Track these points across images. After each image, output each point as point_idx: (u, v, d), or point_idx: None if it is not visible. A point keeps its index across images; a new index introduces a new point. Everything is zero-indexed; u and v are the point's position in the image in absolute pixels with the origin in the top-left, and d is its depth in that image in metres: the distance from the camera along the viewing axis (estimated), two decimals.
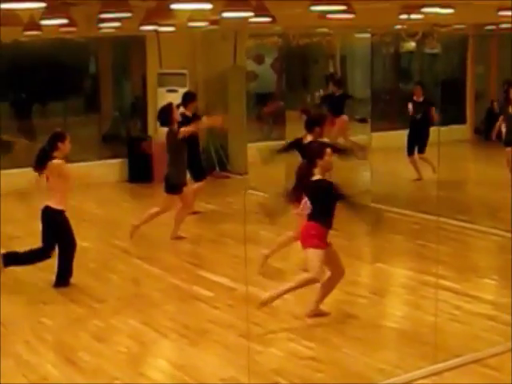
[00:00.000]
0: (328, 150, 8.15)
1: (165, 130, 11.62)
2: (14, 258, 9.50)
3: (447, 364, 7.03)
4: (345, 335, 7.91)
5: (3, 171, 14.29)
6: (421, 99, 15.94)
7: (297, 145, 9.91)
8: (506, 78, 16.91)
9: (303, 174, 8.22)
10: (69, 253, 9.53)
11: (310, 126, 9.88)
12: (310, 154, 8.27)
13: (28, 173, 9.53)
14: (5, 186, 13.42)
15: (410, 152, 15.63)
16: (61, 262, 9.54)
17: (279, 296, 8.02)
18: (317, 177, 8.03)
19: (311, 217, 8.08)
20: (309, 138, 9.69)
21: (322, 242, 7.97)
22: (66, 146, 9.37)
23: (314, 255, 8.00)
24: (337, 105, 16.97)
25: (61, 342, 8.04)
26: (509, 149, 14.67)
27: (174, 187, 11.40)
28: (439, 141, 11.75)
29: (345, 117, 17.01)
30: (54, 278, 9.52)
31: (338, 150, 9.49)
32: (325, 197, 8.05)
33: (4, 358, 7.46)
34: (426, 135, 15.40)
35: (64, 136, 9.43)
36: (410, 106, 15.95)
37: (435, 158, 12.95)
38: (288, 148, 10.07)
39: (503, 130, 14.88)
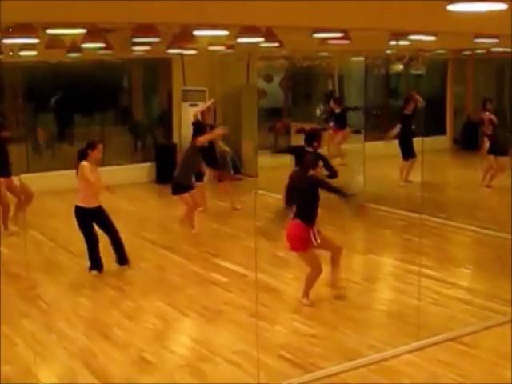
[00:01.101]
0: (320, 163, 8.13)
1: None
2: (95, 263, 9.51)
3: (429, 341, 7.03)
4: (340, 316, 7.90)
5: (44, 173, 14.44)
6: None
7: (296, 150, 9.92)
8: (484, 97, 16.91)
9: (295, 179, 8.25)
10: (113, 239, 9.53)
11: (309, 141, 9.80)
12: (306, 163, 8.23)
13: (65, 175, 9.53)
14: (45, 186, 13.46)
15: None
16: (113, 246, 9.59)
17: (307, 291, 8.15)
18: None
19: (295, 215, 8.03)
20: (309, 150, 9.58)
21: (306, 244, 7.93)
22: (95, 154, 9.18)
23: (306, 257, 8.02)
24: (340, 119, 17.04)
25: (96, 319, 8.05)
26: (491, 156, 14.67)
27: (179, 189, 11.38)
28: (423, 149, 11.72)
29: (348, 129, 17.08)
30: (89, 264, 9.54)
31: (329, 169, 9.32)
32: (310, 192, 7.99)
33: (48, 333, 7.49)
34: None
35: (94, 144, 9.23)
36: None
37: (420, 165, 12.93)
38: (287, 150, 9.87)
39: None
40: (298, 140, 12.34)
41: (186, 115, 13.00)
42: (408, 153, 15.17)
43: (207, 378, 6.41)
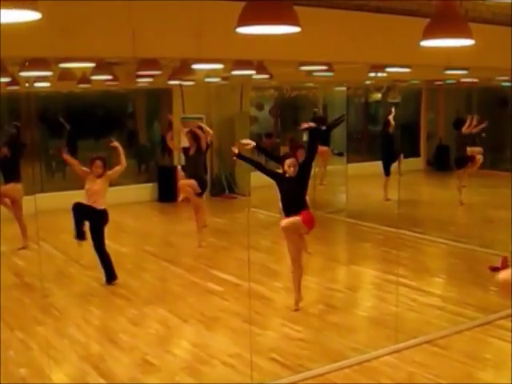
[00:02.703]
0: (287, 161, 7.90)
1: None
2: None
3: (406, 344, 7.03)
4: (326, 321, 7.89)
5: (56, 193, 14.43)
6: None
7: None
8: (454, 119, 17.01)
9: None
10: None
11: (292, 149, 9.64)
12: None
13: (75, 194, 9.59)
14: (57, 205, 13.43)
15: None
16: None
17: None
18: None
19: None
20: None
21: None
22: (93, 168, 9.43)
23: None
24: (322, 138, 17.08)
25: (104, 325, 8.03)
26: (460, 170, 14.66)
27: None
28: (400, 170, 11.77)
29: (327, 148, 17.10)
30: (99, 276, 9.51)
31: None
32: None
33: (61, 338, 7.47)
34: None
35: (92, 160, 9.51)
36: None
37: (397, 184, 12.94)
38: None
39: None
40: None
41: (185, 140, 12.97)
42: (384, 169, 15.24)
43: (205, 379, 6.39)
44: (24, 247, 11.38)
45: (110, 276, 9.47)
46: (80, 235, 9.40)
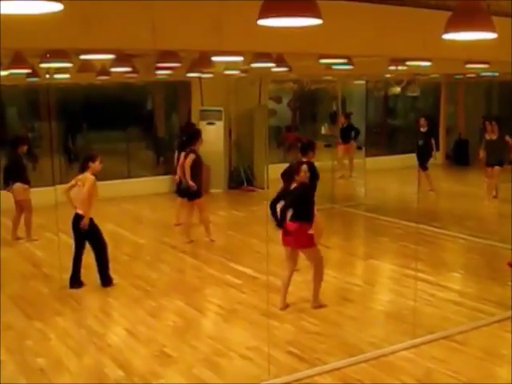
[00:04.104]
0: (303, 167, 7.96)
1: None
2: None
3: (424, 339, 7.00)
4: (343, 315, 7.87)
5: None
6: (425, 129, 15.84)
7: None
8: (483, 115, 16.89)
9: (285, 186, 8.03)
10: (101, 253, 9.03)
11: (304, 150, 9.50)
12: (290, 171, 8.09)
13: None
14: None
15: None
16: (98, 263, 9.07)
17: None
18: (293, 185, 7.88)
19: (295, 217, 7.83)
20: (304, 160, 9.01)
21: (314, 240, 7.91)
22: (96, 165, 8.86)
23: (316, 252, 7.97)
24: (345, 134, 17.13)
25: (122, 317, 8.05)
26: (489, 168, 14.48)
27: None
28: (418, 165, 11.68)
29: (352, 143, 17.18)
30: (117, 268, 9.53)
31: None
32: (302, 199, 7.90)
33: (79, 329, 7.51)
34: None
35: (95, 157, 8.94)
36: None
37: (416, 179, 12.88)
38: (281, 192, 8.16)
39: (482, 154, 14.72)
40: None
41: (204, 133, 12.98)
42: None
43: (223, 372, 6.40)
44: (33, 239, 11.62)
45: (108, 279, 9.18)
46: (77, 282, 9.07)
